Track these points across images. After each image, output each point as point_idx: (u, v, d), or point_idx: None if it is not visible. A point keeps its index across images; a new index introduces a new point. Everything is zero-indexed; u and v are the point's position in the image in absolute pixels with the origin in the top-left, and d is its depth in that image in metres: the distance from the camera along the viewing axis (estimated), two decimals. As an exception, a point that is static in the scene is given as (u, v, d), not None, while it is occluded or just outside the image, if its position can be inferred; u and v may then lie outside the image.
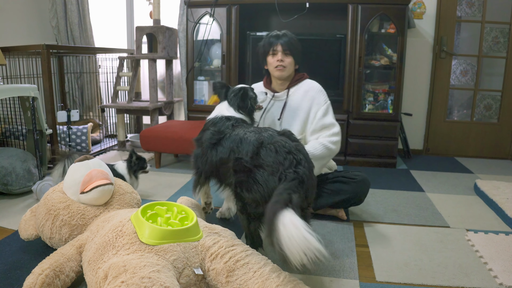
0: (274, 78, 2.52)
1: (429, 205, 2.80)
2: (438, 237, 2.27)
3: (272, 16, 4.22)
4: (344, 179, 2.40)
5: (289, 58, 2.40)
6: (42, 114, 3.05)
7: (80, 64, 4.60)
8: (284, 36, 2.41)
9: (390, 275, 1.84)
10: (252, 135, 1.88)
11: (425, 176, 3.52)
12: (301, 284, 1.42)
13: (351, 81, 3.71)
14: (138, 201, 2.11)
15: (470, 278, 1.82)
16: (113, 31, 4.94)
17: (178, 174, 3.39)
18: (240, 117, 2.19)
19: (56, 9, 4.49)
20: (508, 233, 2.33)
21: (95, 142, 4.39)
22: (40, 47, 3.27)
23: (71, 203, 1.86)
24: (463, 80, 4.27)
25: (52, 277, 1.51)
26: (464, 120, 4.34)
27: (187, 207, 1.77)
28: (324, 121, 2.38)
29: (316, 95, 2.44)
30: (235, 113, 2.19)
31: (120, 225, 1.60)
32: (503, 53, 4.12)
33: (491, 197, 2.76)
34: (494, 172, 3.71)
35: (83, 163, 1.95)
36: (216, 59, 4.14)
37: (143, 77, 4.78)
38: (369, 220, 2.50)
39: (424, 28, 4.17)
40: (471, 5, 4.10)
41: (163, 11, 4.29)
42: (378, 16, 3.62)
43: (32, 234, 1.94)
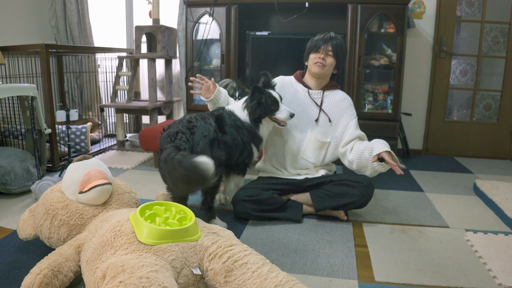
0: (310, 74, 2.59)
1: (429, 205, 2.80)
2: (437, 237, 2.27)
3: (272, 15, 4.21)
4: (350, 183, 2.41)
5: (331, 59, 2.49)
6: (41, 113, 3.04)
7: (79, 64, 4.60)
8: (335, 38, 2.50)
9: (389, 275, 1.84)
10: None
11: (425, 176, 3.52)
12: (299, 284, 1.41)
13: (351, 80, 3.71)
14: (136, 200, 2.11)
15: (469, 278, 1.82)
16: (112, 30, 4.94)
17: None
18: (243, 119, 2.34)
19: (55, 8, 4.49)
20: (508, 233, 2.33)
21: (94, 142, 4.39)
22: (39, 46, 3.26)
23: (69, 203, 1.85)
24: (463, 80, 4.26)
25: (50, 277, 1.50)
26: (463, 120, 4.34)
27: (185, 206, 1.77)
28: (358, 132, 2.53)
29: (350, 106, 2.58)
30: (241, 112, 2.36)
31: (119, 225, 1.60)
32: (502, 53, 4.11)
33: (491, 197, 2.76)
34: (493, 172, 3.71)
35: (81, 162, 1.94)
36: (215, 58, 4.13)
37: (142, 77, 4.77)
38: (368, 220, 2.50)
39: (424, 27, 4.16)
40: (470, 4, 4.10)
41: (162, 11, 4.29)
42: (377, 15, 3.61)
43: (30, 233, 1.93)
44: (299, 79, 2.62)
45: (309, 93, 2.57)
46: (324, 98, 2.57)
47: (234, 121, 2.32)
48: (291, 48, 3.86)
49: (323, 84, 2.58)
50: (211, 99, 2.46)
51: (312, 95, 2.57)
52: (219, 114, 2.32)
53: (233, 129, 2.30)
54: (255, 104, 2.31)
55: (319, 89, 2.58)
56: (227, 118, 2.32)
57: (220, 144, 2.20)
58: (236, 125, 2.32)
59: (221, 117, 2.30)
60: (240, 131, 2.32)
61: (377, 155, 2.25)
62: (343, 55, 2.58)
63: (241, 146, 2.32)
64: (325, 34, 2.50)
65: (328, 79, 2.60)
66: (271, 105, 2.34)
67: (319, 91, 2.57)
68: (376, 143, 2.32)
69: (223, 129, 2.27)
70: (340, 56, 2.52)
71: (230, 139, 2.27)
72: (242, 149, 2.33)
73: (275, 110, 2.35)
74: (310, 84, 2.59)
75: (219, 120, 2.28)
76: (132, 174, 3.39)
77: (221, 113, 2.33)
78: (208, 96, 2.47)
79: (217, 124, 2.24)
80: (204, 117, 2.23)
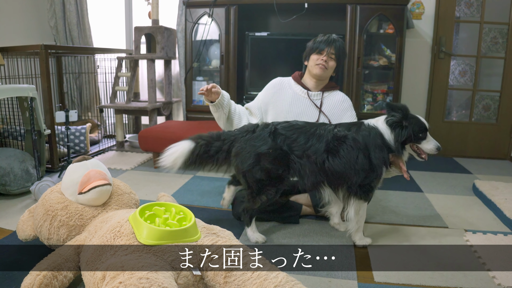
0: (310, 76, 2.57)
1: (428, 205, 2.80)
2: (436, 238, 2.27)
3: (271, 16, 4.22)
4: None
5: (333, 62, 2.48)
6: (40, 114, 3.04)
7: (78, 64, 4.60)
8: (338, 41, 2.48)
9: (389, 276, 1.84)
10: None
11: (424, 176, 3.52)
12: (299, 285, 1.41)
13: (350, 81, 3.71)
14: (136, 201, 2.11)
15: (468, 278, 1.82)
16: (111, 31, 4.93)
17: (176, 175, 3.39)
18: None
19: (54, 9, 4.49)
20: (507, 233, 2.34)
21: (94, 143, 4.39)
22: (39, 47, 3.26)
23: (69, 204, 1.85)
24: (462, 80, 4.27)
25: (50, 277, 1.50)
26: (462, 120, 4.34)
27: (185, 207, 1.77)
28: None
29: (349, 107, 2.58)
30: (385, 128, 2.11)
31: (118, 225, 1.60)
32: (501, 53, 4.12)
33: (490, 198, 2.76)
34: (492, 172, 3.71)
35: (81, 163, 1.94)
36: (214, 59, 4.14)
37: (141, 78, 4.77)
38: (368, 221, 2.50)
39: (423, 28, 4.17)
40: (469, 5, 4.11)
41: (161, 11, 4.29)
42: (376, 16, 3.62)
43: (30, 234, 1.93)
44: (297, 80, 2.60)
45: (308, 94, 2.56)
46: (324, 100, 2.56)
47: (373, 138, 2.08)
48: (291, 48, 3.87)
49: (322, 85, 2.57)
50: (215, 103, 2.40)
51: (311, 96, 2.56)
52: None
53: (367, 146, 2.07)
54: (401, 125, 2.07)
55: (318, 90, 2.57)
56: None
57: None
58: (375, 143, 2.07)
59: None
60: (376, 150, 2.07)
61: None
62: (344, 59, 2.59)
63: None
64: (328, 36, 2.49)
65: (328, 80, 2.59)
66: (419, 132, 2.07)
67: (319, 92, 2.56)
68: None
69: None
70: (341, 59, 2.53)
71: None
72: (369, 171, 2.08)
73: (422, 138, 2.09)
74: (309, 85, 2.58)
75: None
76: (132, 174, 3.39)
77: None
78: (211, 98, 2.41)
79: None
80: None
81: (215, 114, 2.48)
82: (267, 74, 3.78)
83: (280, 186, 2.13)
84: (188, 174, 3.38)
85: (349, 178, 2.07)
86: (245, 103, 2.73)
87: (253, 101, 2.66)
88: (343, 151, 2.06)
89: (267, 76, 2.90)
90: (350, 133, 2.10)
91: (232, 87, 3.93)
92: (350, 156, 2.05)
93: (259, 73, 4.05)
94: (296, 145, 2.10)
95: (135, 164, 3.67)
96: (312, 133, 2.12)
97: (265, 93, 2.62)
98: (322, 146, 2.08)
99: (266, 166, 2.07)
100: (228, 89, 3.92)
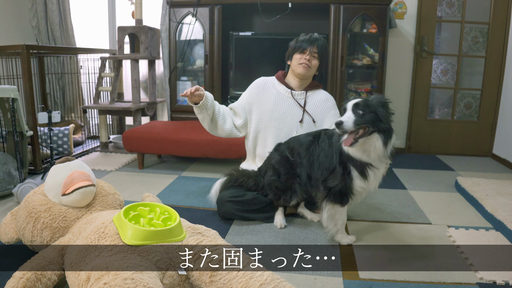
0: (293, 75, 2.58)
1: (411, 202, 2.84)
2: (420, 234, 2.30)
3: (255, 16, 4.23)
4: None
5: (316, 61, 2.50)
6: (22, 115, 3.00)
7: (61, 65, 4.54)
8: (319, 40, 2.50)
9: (373, 272, 1.86)
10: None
11: (407, 174, 3.57)
12: (284, 282, 1.42)
13: (334, 80, 3.74)
14: (121, 202, 2.09)
15: (452, 273, 1.85)
16: (94, 31, 4.88)
17: (161, 175, 3.37)
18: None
19: (36, 8, 4.43)
20: (488, 228, 2.38)
21: (77, 144, 4.34)
22: (20, 47, 3.21)
23: (52, 206, 1.83)
24: (444, 79, 4.33)
25: (33, 280, 1.48)
26: (445, 118, 4.41)
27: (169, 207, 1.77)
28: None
29: (333, 106, 2.61)
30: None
31: (103, 226, 1.59)
32: (482, 52, 4.19)
33: (472, 194, 2.81)
34: (474, 169, 3.78)
35: (64, 164, 1.92)
36: (199, 59, 4.12)
37: (125, 78, 4.73)
38: (352, 218, 2.52)
39: (405, 28, 4.22)
40: (451, 5, 4.17)
41: (145, 11, 4.26)
42: (360, 16, 3.65)
43: (13, 237, 1.91)
44: (281, 80, 2.61)
45: (292, 94, 2.57)
46: (308, 99, 2.57)
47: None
48: (275, 48, 3.88)
49: (305, 84, 2.58)
50: (198, 105, 2.39)
51: (295, 96, 2.57)
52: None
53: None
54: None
55: (302, 89, 2.58)
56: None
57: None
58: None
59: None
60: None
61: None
62: (326, 57, 2.61)
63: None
64: (310, 35, 2.50)
65: (311, 79, 2.61)
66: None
67: (302, 91, 2.57)
68: None
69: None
70: (324, 58, 2.55)
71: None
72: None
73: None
74: (293, 84, 2.59)
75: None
76: (116, 175, 3.36)
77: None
78: (194, 100, 2.39)
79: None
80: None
81: (199, 115, 2.48)
82: (252, 74, 3.79)
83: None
84: (173, 175, 3.36)
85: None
86: (229, 103, 2.74)
87: (237, 101, 2.66)
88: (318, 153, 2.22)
89: (251, 76, 2.91)
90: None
91: (217, 87, 3.93)
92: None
93: (244, 73, 4.05)
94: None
95: (120, 165, 3.64)
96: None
97: (249, 93, 2.63)
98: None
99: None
100: (212, 89, 3.91)
